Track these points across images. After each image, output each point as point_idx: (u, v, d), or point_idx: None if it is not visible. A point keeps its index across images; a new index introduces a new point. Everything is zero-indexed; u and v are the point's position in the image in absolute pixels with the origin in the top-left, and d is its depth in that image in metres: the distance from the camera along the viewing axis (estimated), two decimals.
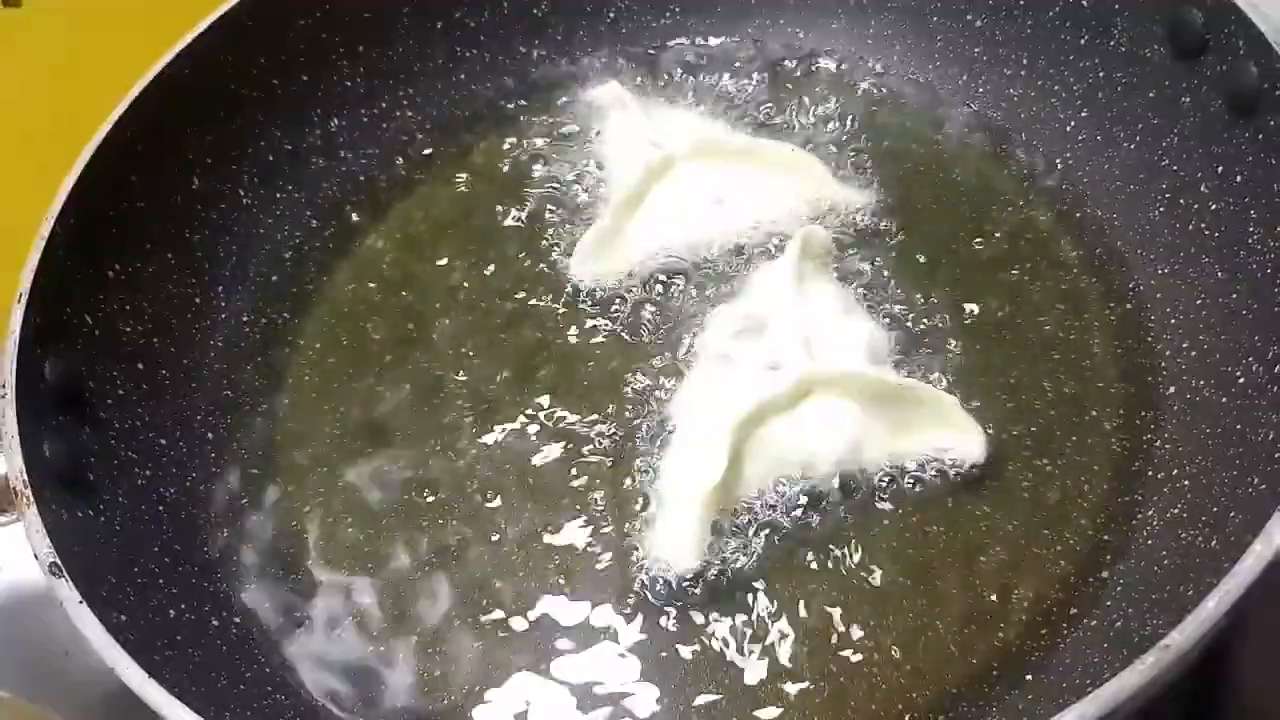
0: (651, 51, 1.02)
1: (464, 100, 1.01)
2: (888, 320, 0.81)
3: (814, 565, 0.71)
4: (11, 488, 0.65)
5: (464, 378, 0.83)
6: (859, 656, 0.68)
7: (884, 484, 0.73)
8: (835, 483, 0.73)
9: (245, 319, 0.88)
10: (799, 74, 0.99)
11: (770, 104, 0.97)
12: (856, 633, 0.68)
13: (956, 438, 0.73)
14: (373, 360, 0.85)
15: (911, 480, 0.73)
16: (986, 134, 0.92)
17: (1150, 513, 0.71)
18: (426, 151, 0.98)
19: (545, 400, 0.80)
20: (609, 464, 0.76)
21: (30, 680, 0.83)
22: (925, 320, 0.81)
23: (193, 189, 0.89)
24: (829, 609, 0.69)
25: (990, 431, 0.74)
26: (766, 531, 0.72)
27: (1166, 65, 0.81)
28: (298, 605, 0.73)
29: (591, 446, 0.77)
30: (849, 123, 0.94)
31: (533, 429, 0.79)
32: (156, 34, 0.87)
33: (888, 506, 0.72)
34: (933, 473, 0.73)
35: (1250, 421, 0.68)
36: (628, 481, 0.75)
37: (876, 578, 0.70)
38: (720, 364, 0.79)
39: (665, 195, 0.88)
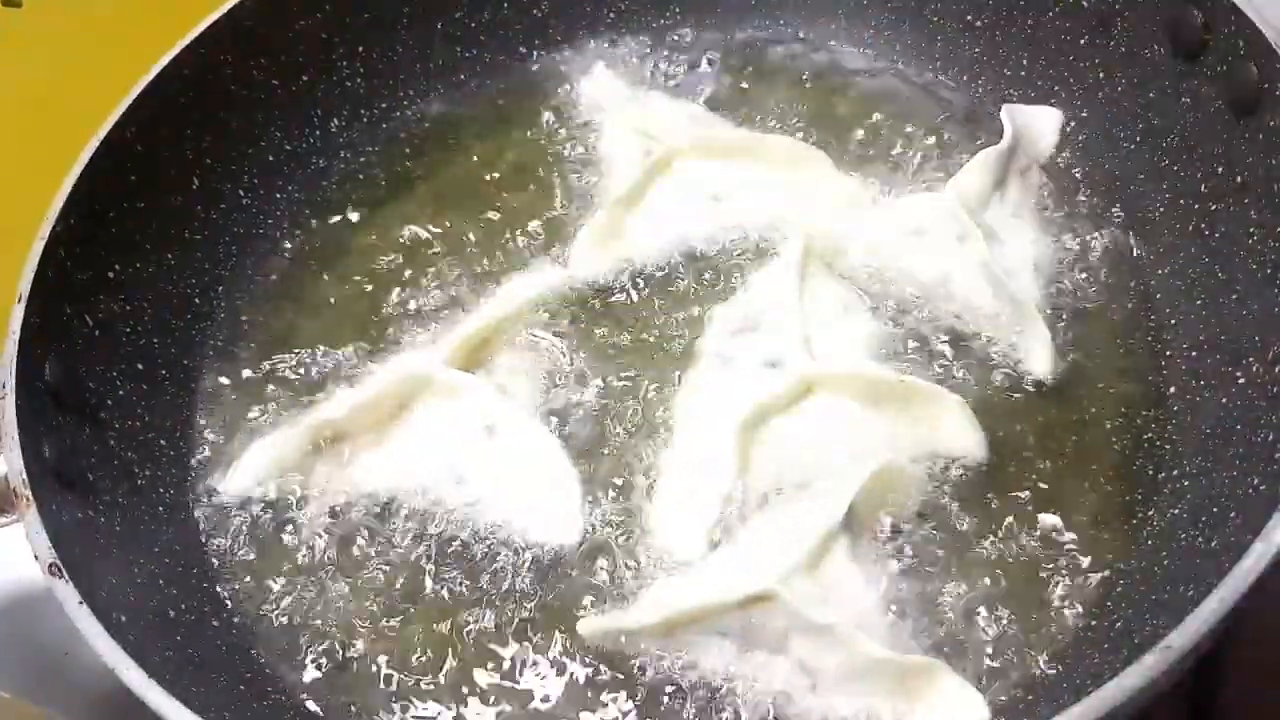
0: (651, 50, 1.02)
1: (464, 100, 1.01)
2: (890, 318, 0.81)
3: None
4: (11, 488, 0.65)
5: None
6: None
7: (884, 484, 0.73)
8: (836, 482, 0.72)
9: (245, 319, 0.88)
10: (798, 73, 0.99)
11: (769, 101, 0.97)
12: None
13: (958, 436, 0.73)
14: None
15: (908, 483, 0.73)
16: (987, 134, 0.92)
17: (1151, 513, 0.71)
18: (426, 151, 0.98)
19: None
20: (609, 459, 0.76)
21: (30, 680, 0.83)
22: (925, 319, 0.81)
23: (192, 189, 0.89)
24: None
25: (991, 430, 0.74)
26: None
27: (1166, 65, 0.81)
28: (297, 605, 0.73)
29: (593, 442, 0.77)
30: (848, 122, 0.94)
31: None
32: (157, 34, 0.87)
33: (888, 507, 0.72)
34: (933, 472, 0.73)
35: (1251, 422, 0.68)
36: (628, 477, 0.75)
37: (877, 578, 0.70)
38: (720, 362, 0.78)
39: (665, 191, 0.88)
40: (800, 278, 0.80)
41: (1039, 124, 0.89)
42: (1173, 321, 0.79)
